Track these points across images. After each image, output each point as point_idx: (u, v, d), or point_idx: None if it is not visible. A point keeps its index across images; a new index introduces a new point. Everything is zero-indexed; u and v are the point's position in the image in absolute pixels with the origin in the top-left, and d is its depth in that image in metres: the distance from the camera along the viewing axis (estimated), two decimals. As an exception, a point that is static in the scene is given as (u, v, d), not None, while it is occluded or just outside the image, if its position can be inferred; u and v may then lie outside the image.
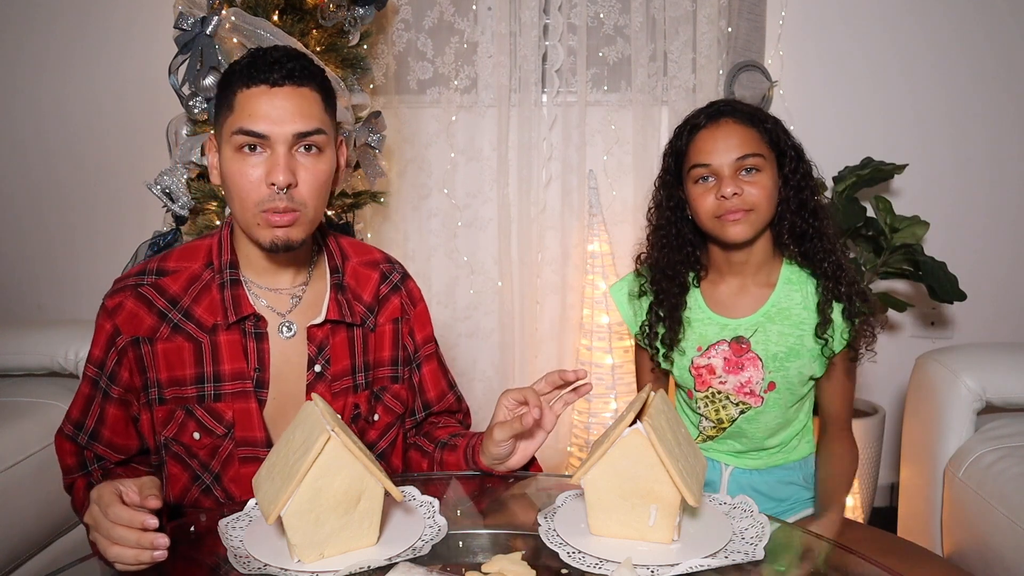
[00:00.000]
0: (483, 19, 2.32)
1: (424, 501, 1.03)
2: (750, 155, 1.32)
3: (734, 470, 1.48)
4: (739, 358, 1.40)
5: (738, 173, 1.33)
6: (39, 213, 2.53)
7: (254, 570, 0.88)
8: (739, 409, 1.42)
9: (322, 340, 1.16)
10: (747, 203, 1.32)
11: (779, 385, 1.39)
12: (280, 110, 1.03)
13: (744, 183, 1.32)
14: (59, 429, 1.15)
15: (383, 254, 1.29)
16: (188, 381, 1.12)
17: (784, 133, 1.38)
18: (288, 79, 1.03)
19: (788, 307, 1.39)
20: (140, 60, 2.36)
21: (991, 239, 2.40)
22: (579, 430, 2.32)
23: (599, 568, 0.88)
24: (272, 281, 1.16)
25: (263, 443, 1.13)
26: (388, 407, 1.24)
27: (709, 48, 2.24)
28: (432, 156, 2.39)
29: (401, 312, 1.26)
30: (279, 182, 1.02)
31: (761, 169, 1.33)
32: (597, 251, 2.30)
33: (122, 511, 0.88)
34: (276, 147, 1.03)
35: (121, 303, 1.11)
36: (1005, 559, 1.45)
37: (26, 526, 1.64)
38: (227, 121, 1.05)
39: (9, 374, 1.97)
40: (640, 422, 0.90)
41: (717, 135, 1.35)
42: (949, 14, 2.29)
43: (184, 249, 1.17)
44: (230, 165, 1.05)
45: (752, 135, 1.34)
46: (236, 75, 1.05)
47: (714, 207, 1.34)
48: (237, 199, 1.06)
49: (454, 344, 2.47)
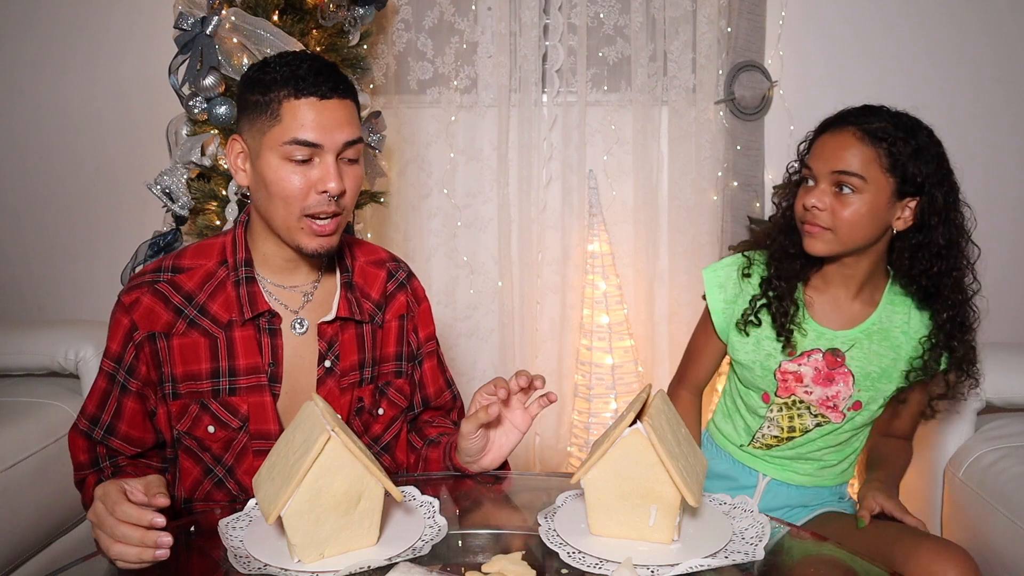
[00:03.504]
0: (483, 19, 2.32)
1: (424, 501, 1.03)
2: (846, 173, 1.24)
3: (771, 481, 1.45)
4: (832, 371, 1.35)
5: (833, 187, 1.25)
6: (39, 213, 2.53)
7: (254, 570, 0.88)
8: (816, 421, 1.39)
9: (332, 336, 1.20)
10: (825, 221, 1.26)
11: (864, 404, 1.37)
12: (331, 120, 1.08)
13: (834, 198, 1.25)
14: (73, 425, 1.17)
15: (388, 253, 1.33)
16: (203, 376, 1.14)
17: (925, 162, 1.26)
18: (335, 92, 1.09)
19: (888, 328, 1.35)
20: (140, 60, 2.36)
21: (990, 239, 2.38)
22: (579, 430, 2.32)
23: (599, 568, 0.88)
24: (287, 279, 1.19)
25: (277, 436, 1.14)
26: (392, 401, 1.27)
27: (709, 48, 2.24)
28: (432, 156, 2.39)
29: (407, 309, 1.30)
30: (332, 190, 1.08)
31: (859, 191, 1.24)
32: (597, 251, 2.30)
33: (130, 509, 0.89)
34: (325, 156, 1.08)
35: (138, 299, 1.14)
36: (1005, 559, 1.45)
37: (26, 526, 1.64)
38: (273, 130, 1.07)
39: (9, 374, 1.98)
40: (640, 422, 0.90)
41: (828, 142, 1.27)
42: (949, 14, 2.29)
43: (198, 247, 1.20)
44: (276, 172, 1.08)
45: (865, 153, 1.24)
46: (279, 85, 1.07)
47: (800, 212, 1.30)
48: (282, 204, 1.09)
49: (454, 344, 2.47)
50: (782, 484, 1.44)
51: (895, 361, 1.35)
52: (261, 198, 1.12)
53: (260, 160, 1.09)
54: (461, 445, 1.15)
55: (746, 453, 1.46)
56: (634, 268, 2.35)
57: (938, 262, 1.28)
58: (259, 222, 1.16)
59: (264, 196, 1.10)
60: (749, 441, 1.45)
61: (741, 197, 2.24)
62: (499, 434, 1.17)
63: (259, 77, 1.09)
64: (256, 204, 1.14)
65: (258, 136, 1.09)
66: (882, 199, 1.25)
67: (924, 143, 1.27)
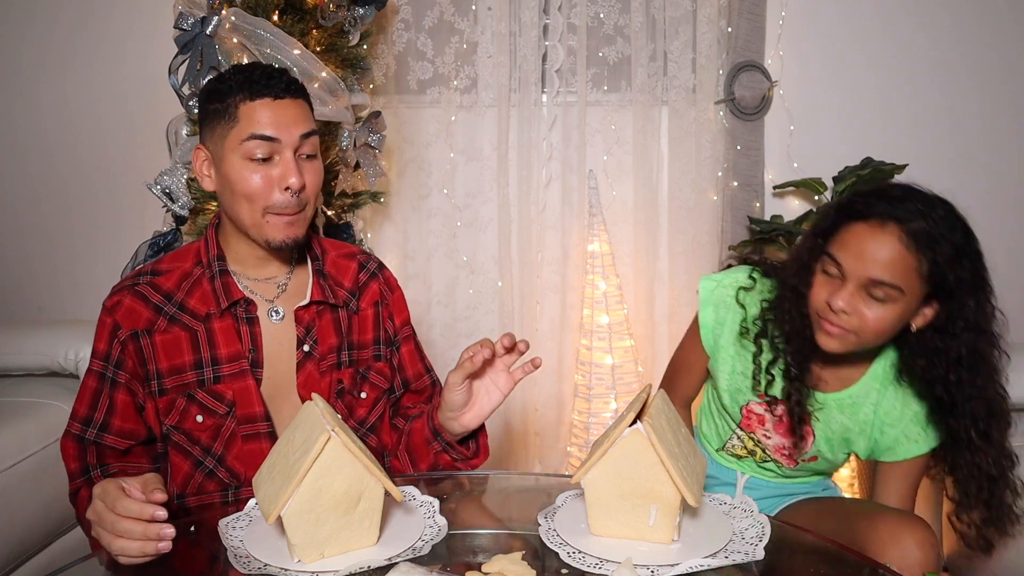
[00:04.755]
0: (483, 19, 2.32)
1: (424, 501, 1.03)
2: (884, 284, 1.12)
3: (750, 478, 1.45)
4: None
5: (864, 291, 1.14)
6: (39, 213, 2.53)
7: (254, 570, 0.88)
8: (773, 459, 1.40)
9: (309, 321, 1.26)
10: (850, 325, 1.15)
11: (820, 459, 1.36)
12: (286, 117, 1.15)
13: (862, 302, 1.14)
14: (65, 431, 1.18)
15: (358, 247, 1.40)
16: (188, 368, 1.19)
17: (963, 267, 1.15)
18: (287, 92, 1.16)
19: (861, 404, 1.29)
20: (140, 60, 2.36)
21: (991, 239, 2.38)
22: (579, 430, 2.32)
23: (599, 568, 0.88)
24: (260, 273, 1.25)
25: (263, 418, 1.20)
26: (374, 383, 1.32)
27: (709, 48, 2.24)
28: (432, 156, 2.39)
29: (380, 296, 1.35)
30: (293, 184, 1.14)
31: (892, 300, 1.13)
32: (597, 251, 2.30)
33: (130, 503, 0.91)
34: (284, 152, 1.15)
35: (119, 301, 1.19)
36: (1005, 559, 1.45)
37: (26, 526, 1.64)
38: (232, 132, 1.14)
39: (9, 374, 1.97)
40: (640, 422, 0.90)
41: (866, 240, 1.13)
42: (949, 14, 2.29)
43: (175, 253, 1.28)
44: (239, 172, 1.14)
45: (908, 262, 1.12)
46: (234, 90, 1.14)
47: (821, 305, 1.17)
48: (246, 202, 1.15)
49: (454, 344, 2.47)
50: (761, 480, 1.45)
51: (860, 435, 1.30)
52: (227, 200, 1.18)
53: (223, 163, 1.15)
54: (445, 397, 1.19)
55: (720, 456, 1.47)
56: (634, 268, 2.35)
57: (957, 371, 1.17)
58: (228, 223, 1.23)
59: (230, 197, 1.17)
60: (721, 446, 1.45)
61: (741, 197, 2.24)
62: (482, 392, 1.20)
63: (215, 87, 1.17)
64: (224, 207, 1.21)
65: (219, 141, 1.16)
66: (913, 305, 1.16)
67: (961, 242, 1.15)
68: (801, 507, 1.39)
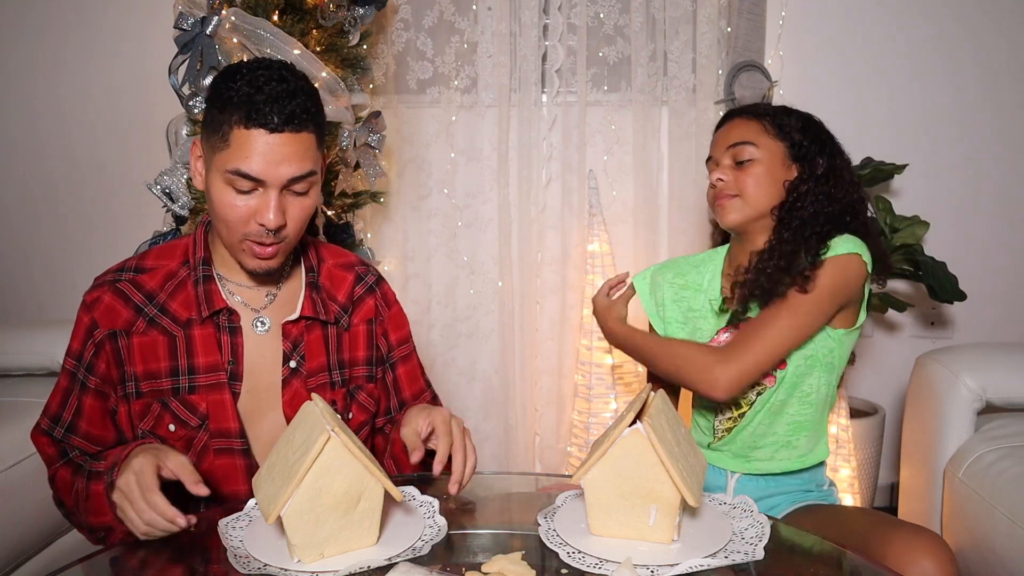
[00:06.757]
0: (483, 19, 2.32)
1: (424, 501, 1.03)
2: (739, 143, 1.38)
3: (740, 477, 1.45)
4: None
5: (732, 161, 1.39)
6: (39, 213, 2.53)
7: (254, 570, 0.88)
8: (756, 391, 1.39)
9: (296, 336, 1.19)
10: (731, 188, 1.38)
11: (788, 364, 1.37)
12: (277, 155, 1.03)
13: (735, 171, 1.38)
14: (35, 425, 1.16)
15: (358, 257, 1.33)
16: (163, 374, 1.14)
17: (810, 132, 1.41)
18: (287, 124, 1.03)
19: None
20: (138, 60, 2.36)
21: (991, 239, 2.40)
22: (579, 430, 2.32)
23: (599, 568, 0.88)
24: (249, 279, 1.19)
25: (237, 434, 1.15)
26: (362, 405, 1.27)
27: (709, 48, 2.24)
28: (432, 156, 2.39)
29: (375, 313, 1.29)
30: (269, 223, 1.05)
31: (755, 159, 1.38)
32: (597, 251, 2.30)
33: (159, 502, 0.92)
34: (269, 190, 1.05)
35: (99, 298, 1.15)
36: (1005, 559, 1.45)
37: (26, 526, 1.64)
38: (221, 154, 1.05)
39: (9, 374, 1.97)
40: (640, 422, 0.90)
41: (719, 132, 1.44)
42: (949, 13, 2.29)
43: (163, 248, 1.20)
44: (220, 195, 1.06)
45: (751, 125, 1.40)
46: (234, 106, 1.03)
47: (710, 195, 1.43)
48: (223, 225, 1.09)
49: (454, 344, 2.47)
50: (751, 477, 1.44)
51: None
52: (210, 210, 1.11)
53: (209, 175, 1.08)
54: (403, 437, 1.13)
55: (714, 451, 1.47)
56: (634, 268, 2.34)
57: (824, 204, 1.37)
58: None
59: (211, 209, 1.11)
60: (713, 437, 1.46)
61: (741, 197, 2.24)
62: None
63: (223, 88, 1.05)
64: (209, 213, 1.14)
65: (210, 152, 1.08)
66: (777, 160, 1.39)
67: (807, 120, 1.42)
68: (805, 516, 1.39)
